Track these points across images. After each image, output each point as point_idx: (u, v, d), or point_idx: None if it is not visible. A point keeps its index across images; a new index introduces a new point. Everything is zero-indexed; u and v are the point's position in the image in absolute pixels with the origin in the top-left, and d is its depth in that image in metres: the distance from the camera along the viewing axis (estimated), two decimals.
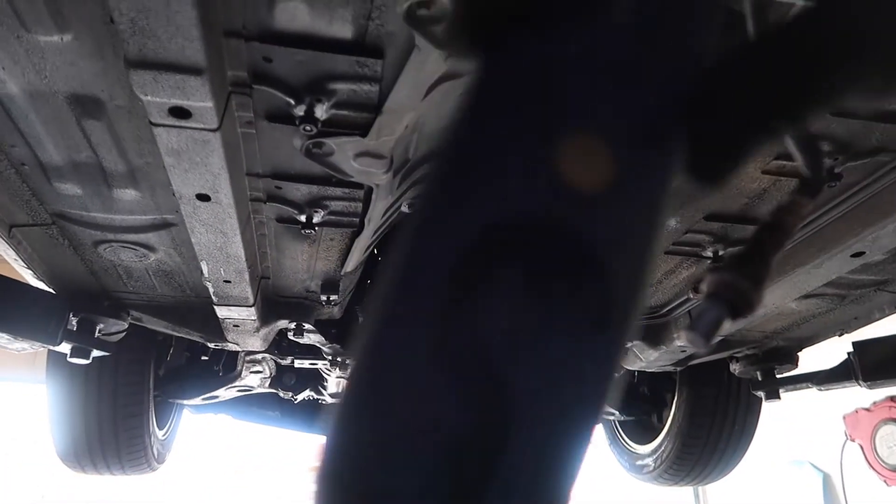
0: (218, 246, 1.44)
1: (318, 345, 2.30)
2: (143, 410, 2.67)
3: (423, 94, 1.15)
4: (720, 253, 1.65)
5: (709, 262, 1.68)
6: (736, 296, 0.45)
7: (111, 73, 1.06)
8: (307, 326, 2.09)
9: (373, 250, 2.03)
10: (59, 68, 1.05)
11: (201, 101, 0.98)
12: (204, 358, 2.94)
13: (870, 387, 2.18)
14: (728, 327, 0.46)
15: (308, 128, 1.11)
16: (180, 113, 1.00)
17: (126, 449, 2.70)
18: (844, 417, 5.24)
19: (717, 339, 0.50)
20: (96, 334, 1.95)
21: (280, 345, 2.46)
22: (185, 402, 3.06)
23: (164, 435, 3.13)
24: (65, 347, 1.88)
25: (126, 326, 2.03)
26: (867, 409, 5.06)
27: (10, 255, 1.64)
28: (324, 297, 1.91)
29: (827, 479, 5.75)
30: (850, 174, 1.31)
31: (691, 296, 1.91)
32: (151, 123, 1.03)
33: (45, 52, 1.01)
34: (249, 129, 1.20)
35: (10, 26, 0.95)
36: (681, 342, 1.93)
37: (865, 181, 1.34)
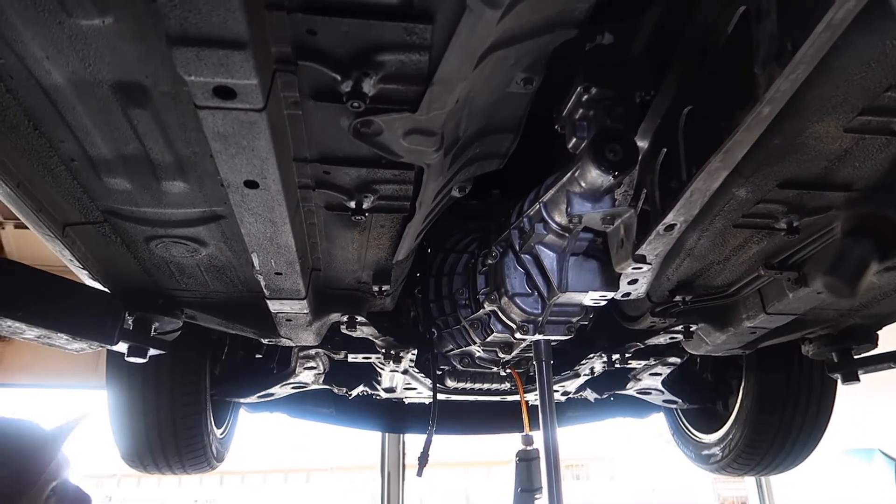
0: (268, 236, 1.41)
1: (371, 338, 2.26)
2: (201, 409, 2.69)
3: (475, 62, 1.09)
4: (795, 224, 1.54)
5: (782, 234, 1.57)
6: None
7: (154, 56, 1.03)
8: (360, 319, 2.06)
9: (422, 241, 1.98)
10: (102, 54, 1.02)
11: (245, 79, 0.94)
12: (258, 356, 2.94)
13: None
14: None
15: (356, 104, 1.06)
16: (225, 93, 0.96)
17: (185, 448, 2.72)
18: None
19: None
20: (152, 333, 1.96)
21: (333, 339, 2.44)
22: (241, 400, 3.07)
23: (222, 433, 3.15)
24: (122, 347, 1.89)
25: (181, 324, 2.02)
26: None
27: (66, 256, 1.65)
28: (376, 288, 1.86)
29: None
30: None
31: (762, 273, 1.79)
32: (196, 106, 1.00)
33: (87, 37, 0.98)
34: (295, 110, 1.16)
35: (52, 11, 0.93)
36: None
37: None
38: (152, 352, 1.97)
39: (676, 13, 1.35)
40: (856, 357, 2.30)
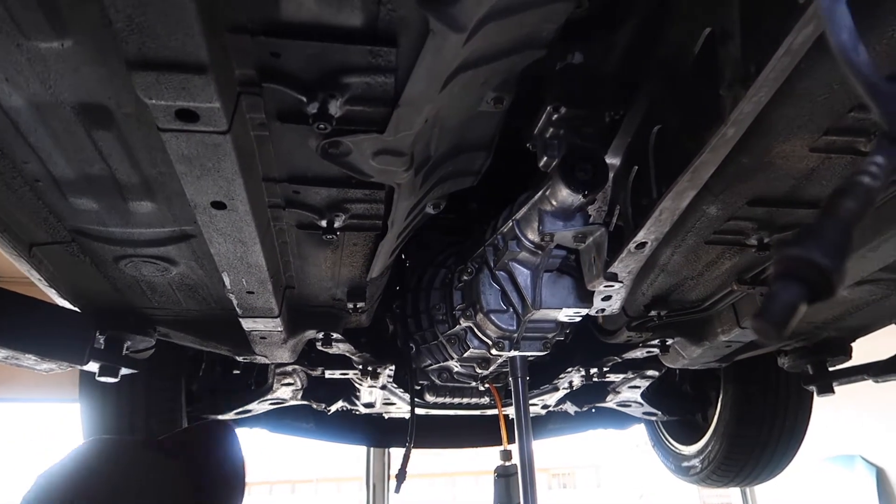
0: (238, 256, 1.39)
1: (347, 354, 2.25)
2: (177, 427, 2.65)
3: (442, 84, 1.09)
4: (766, 241, 1.55)
5: (753, 250, 1.58)
6: (814, 274, 0.38)
7: (116, 79, 1.01)
8: (335, 336, 2.04)
9: (399, 254, 1.98)
10: (62, 76, 1.01)
11: (208, 102, 0.93)
12: (236, 372, 2.91)
13: None
14: (802, 313, 0.39)
15: (322, 126, 1.06)
16: (187, 116, 0.95)
17: None
18: None
19: (792, 328, 0.43)
20: (124, 352, 1.93)
21: (309, 356, 2.42)
22: (219, 417, 3.03)
23: None
24: (93, 366, 1.86)
25: (153, 343, 2.00)
26: None
27: (34, 275, 1.63)
28: (350, 305, 1.85)
29: (881, 474, 5.51)
30: None
31: (735, 288, 1.80)
32: (159, 129, 0.98)
33: (46, 59, 0.97)
34: (262, 131, 1.15)
35: (9, 33, 0.92)
36: (748, 331, 1.82)
37: None
38: (124, 371, 1.94)
39: (646, 33, 1.36)
40: (830, 369, 2.31)
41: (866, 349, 2.34)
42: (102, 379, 1.88)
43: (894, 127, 0.43)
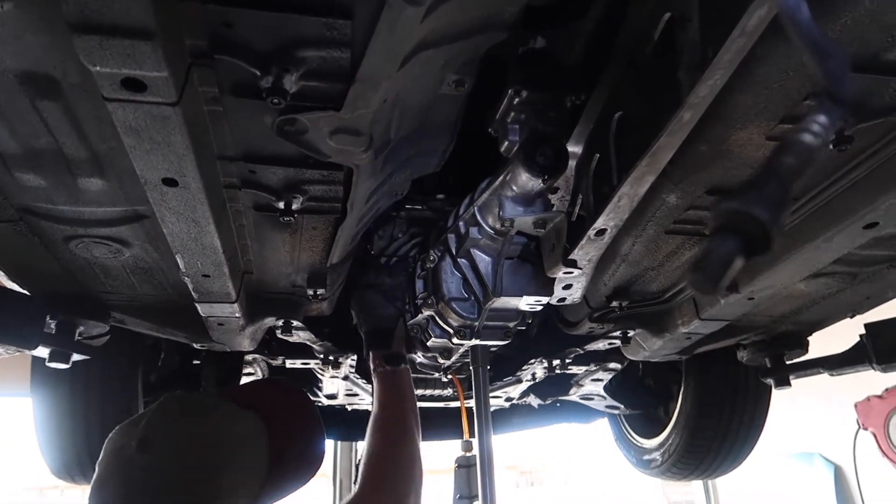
0: (192, 237, 1.36)
1: (308, 343, 2.22)
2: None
3: (400, 61, 1.07)
4: None
5: None
6: (751, 227, 0.37)
7: (61, 46, 0.98)
8: (295, 324, 2.01)
9: (363, 242, 1.95)
10: (4, 43, 0.97)
11: (156, 71, 0.90)
12: (196, 362, 2.85)
13: (884, 370, 2.10)
14: (739, 267, 0.38)
15: (277, 101, 1.03)
16: (134, 85, 0.92)
17: None
18: (856, 406, 5.15)
19: (728, 281, 0.43)
20: (76, 337, 1.87)
21: (270, 345, 2.38)
22: None
23: None
24: (42, 351, 1.80)
25: (107, 328, 1.94)
26: (879, 397, 4.97)
27: None
28: (311, 292, 1.82)
29: (839, 471, 5.65)
30: (861, 137, 1.22)
31: None
32: (105, 98, 0.95)
33: None
34: (216, 106, 1.12)
35: None
36: (707, 322, 1.84)
37: (878, 144, 1.26)
38: (76, 357, 1.88)
39: (609, 19, 1.36)
40: (788, 363, 2.35)
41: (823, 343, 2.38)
42: (53, 365, 1.83)
43: (834, 84, 0.43)
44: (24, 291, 1.77)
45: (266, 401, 1.51)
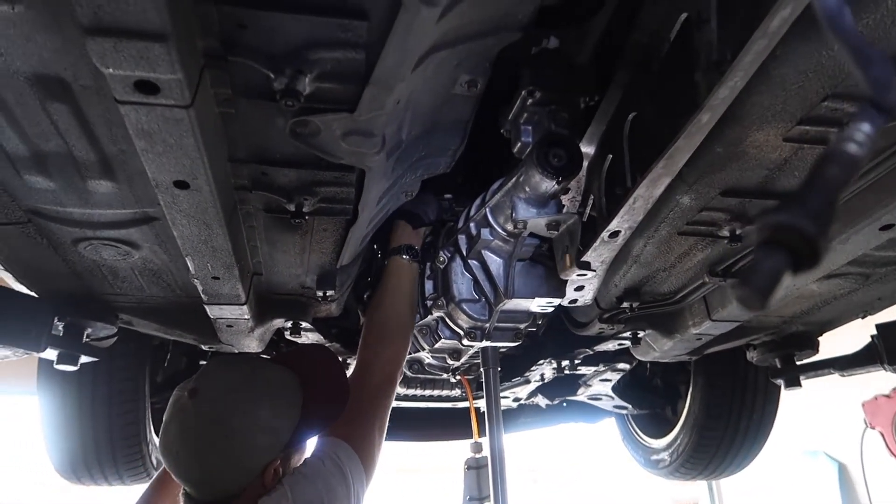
0: (202, 239, 1.35)
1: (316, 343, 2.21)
2: (140, 419, 2.58)
3: (414, 63, 1.06)
4: (738, 232, 1.55)
5: (725, 242, 1.58)
6: (799, 241, 0.36)
7: (72, 48, 0.97)
8: (305, 325, 2.00)
9: (371, 242, 1.94)
10: (15, 44, 0.96)
11: (170, 73, 0.89)
12: (203, 362, 2.85)
13: None
14: (787, 282, 0.37)
15: (290, 103, 1.02)
16: (147, 87, 0.91)
17: (123, 459, 2.61)
18: (863, 405, 5.14)
19: (777, 297, 0.42)
20: (84, 339, 1.87)
21: (278, 345, 2.37)
22: None
23: None
24: (50, 354, 1.80)
25: (115, 330, 1.94)
26: (887, 396, 4.95)
27: None
28: (320, 293, 1.81)
29: (843, 469, 5.63)
30: (879, 137, 1.21)
31: (707, 280, 1.80)
32: (117, 101, 0.94)
33: None
34: (228, 108, 1.11)
35: None
36: (718, 323, 1.82)
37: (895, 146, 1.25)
38: (84, 359, 1.88)
39: (622, 20, 1.35)
40: (798, 363, 2.34)
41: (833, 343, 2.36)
42: (61, 367, 1.82)
43: (879, 93, 0.42)
44: (32, 293, 1.77)
45: (295, 357, 1.74)
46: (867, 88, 0.42)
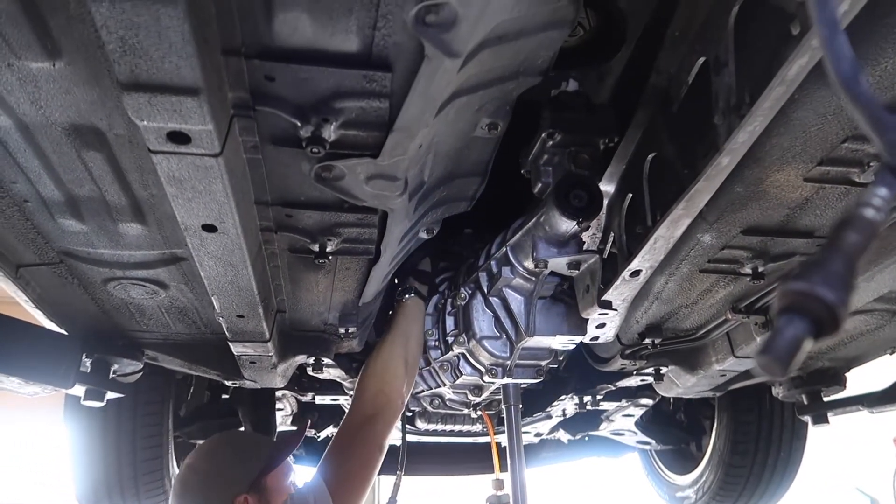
0: (228, 279, 1.38)
1: (338, 380, 2.22)
2: (163, 453, 2.60)
3: (437, 109, 1.08)
4: (760, 269, 1.55)
5: (748, 279, 1.57)
6: (819, 308, 0.37)
7: (108, 100, 1.01)
8: (326, 361, 2.01)
9: (392, 279, 1.96)
10: (53, 97, 1.00)
11: (201, 125, 0.92)
12: (225, 396, 2.86)
13: None
14: (808, 349, 0.38)
15: (316, 150, 1.05)
16: (179, 138, 0.94)
17: (146, 492, 2.62)
18: (894, 440, 5.00)
19: (798, 364, 0.42)
20: (111, 375, 1.90)
21: (300, 381, 2.39)
22: None
23: None
24: (78, 390, 1.83)
25: (141, 366, 1.97)
26: None
27: (20, 297, 1.60)
28: (342, 330, 1.83)
29: None
30: None
31: (729, 317, 1.79)
32: (150, 151, 0.97)
33: (38, 79, 0.96)
34: (255, 154, 1.14)
35: (1, 53, 0.91)
36: (742, 360, 1.81)
37: None
38: (110, 395, 1.91)
39: (640, 62, 1.37)
40: (825, 399, 2.30)
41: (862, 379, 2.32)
42: (88, 403, 1.85)
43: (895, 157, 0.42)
44: (61, 331, 1.80)
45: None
46: (883, 154, 0.43)
